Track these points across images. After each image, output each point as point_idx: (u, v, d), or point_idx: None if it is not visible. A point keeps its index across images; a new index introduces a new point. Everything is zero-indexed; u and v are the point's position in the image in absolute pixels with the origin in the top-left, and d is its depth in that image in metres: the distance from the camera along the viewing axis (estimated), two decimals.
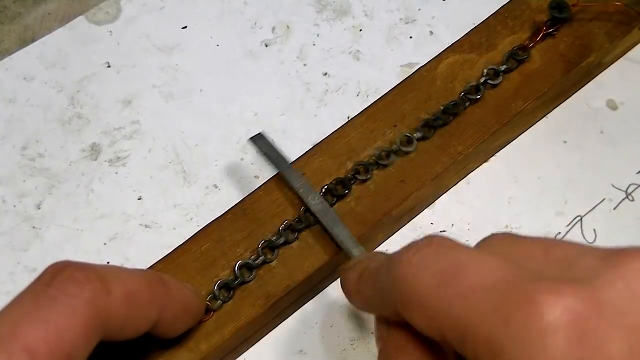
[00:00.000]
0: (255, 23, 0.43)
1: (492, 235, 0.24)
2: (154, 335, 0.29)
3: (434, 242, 0.24)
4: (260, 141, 0.36)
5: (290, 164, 0.35)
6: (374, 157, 0.35)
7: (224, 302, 0.32)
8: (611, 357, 0.19)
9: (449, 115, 0.36)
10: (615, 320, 0.19)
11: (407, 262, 0.23)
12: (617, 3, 0.38)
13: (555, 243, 0.23)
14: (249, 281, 0.33)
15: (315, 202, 0.34)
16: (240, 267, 0.33)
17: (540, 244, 0.23)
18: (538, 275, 0.21)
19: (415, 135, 0.36)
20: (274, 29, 0.43)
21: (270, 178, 0.36)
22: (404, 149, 0.36)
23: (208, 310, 0.32)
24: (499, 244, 0.23)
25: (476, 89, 0.37)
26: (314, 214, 0.34)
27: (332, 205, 0.35)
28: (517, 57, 0.38)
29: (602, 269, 0.20)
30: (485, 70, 0.37)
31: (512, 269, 0.21)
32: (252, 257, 0.33)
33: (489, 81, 0.37)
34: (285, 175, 0.35)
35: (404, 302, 0.23)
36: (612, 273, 0.20)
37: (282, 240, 0.34)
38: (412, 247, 0.24)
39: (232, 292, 0.33)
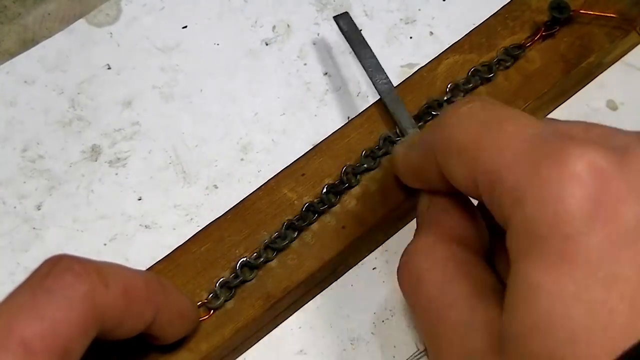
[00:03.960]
0: (256, 22, 0.43)
1: None
2: (149, 340, 0.29)
3: (481, 98, 0.26)
4: (342, 20, 0.38)
5: (367, 46, 0.37)
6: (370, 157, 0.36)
7: (225, 300, 0.32)
8: (622, 218, 0.20)
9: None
10: (635, 187, 0.20)
11: (454, 112, 0.25)
12: (612, 15, 0.38)
13: (596, 124, 0.24)
14: (250, 280, 0.33)
15: (382, 82, 0.36)
16: (242, 266, 0.33)
17: (581, 123, 0.24)
18: (572, 136, 0.22)
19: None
20: (274, 27, 0.43)
21: (270, 179, 0.36)
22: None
23: (208, 309, 0.32)
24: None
25: (466, 81, 0.37)
26: (379, 92, 0.36)
27: (334, 204, 0.35)
28: (512, 53, 0.38)
29: (633, 143, 0.22)
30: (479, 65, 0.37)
31: (549, 128, 0.23)
32: (254, 255, 0.33)
33: (480, 74, 0.37)
34: (358, 54, 0.37)
35: (445, 149, 0.25)
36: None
37: (285, 242, 0.33)
38: (459, 102, 0.26)
39: (233, 291, 0.33)
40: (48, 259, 0.25)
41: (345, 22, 0.38)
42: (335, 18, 0.38)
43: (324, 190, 0.35)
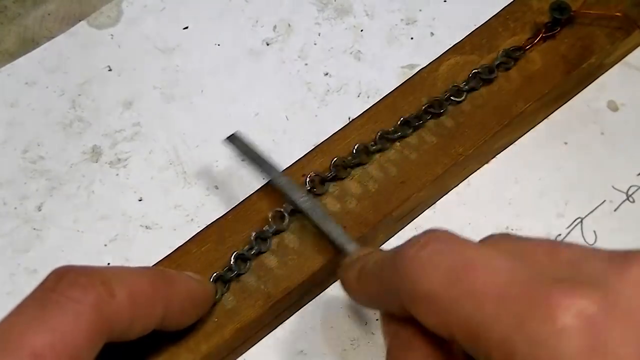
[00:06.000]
0: (257, 21, 0.43)
1: (492, 236, 0.24)
2: (164, 330, 0.29)
3: (439, 237, 0.23)
4: (236, 141, 0.35)
5: (271, 163, 0.34)
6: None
7: (222, 294, 0.33)
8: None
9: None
10: (626, 323, 0.19)
11: (414, 258, 0.23)
12: (617, 14, 0.37)
13: (558, 245, 0.23)
14: (244, 272, 0.33)
15: (303, 200, 0.33)
16: (235, 258, 0.33)
17: (543, 246, 0.23)
18: (549, 277, 0.21)
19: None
20: (275, 27, 0.43)
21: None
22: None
23: None
24: (502, 243, 0.23)
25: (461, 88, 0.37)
26: (303, 212, 0.33)
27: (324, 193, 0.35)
28: (512, 55, 0.38)
29: (609, 272, 0.21)
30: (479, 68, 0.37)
31: (521, 270, 0.21)
32: (246, 248, 0.33)
33: (481, 75, 0.37)
34: (268, 175, 0.34)
35: (412, 300, 0.23)
36: (619, 277, 0.20)
37: (272, 229, 0.34)
38: (416, 243, 0.23)
39: (228, 285, 0.33)
40: (53, 271, 0.25)
41: (239, 143, 0.34)
42: (227, 140, 0.35)
43: (308, 178, 0.35)
